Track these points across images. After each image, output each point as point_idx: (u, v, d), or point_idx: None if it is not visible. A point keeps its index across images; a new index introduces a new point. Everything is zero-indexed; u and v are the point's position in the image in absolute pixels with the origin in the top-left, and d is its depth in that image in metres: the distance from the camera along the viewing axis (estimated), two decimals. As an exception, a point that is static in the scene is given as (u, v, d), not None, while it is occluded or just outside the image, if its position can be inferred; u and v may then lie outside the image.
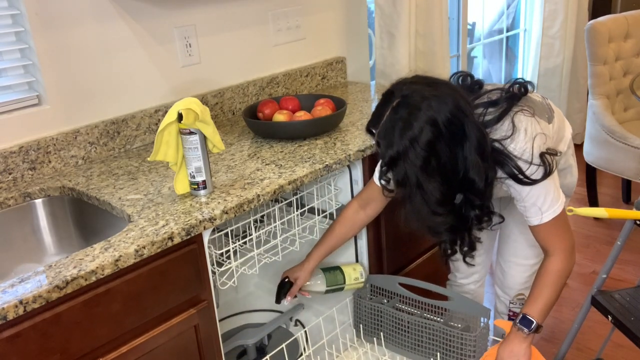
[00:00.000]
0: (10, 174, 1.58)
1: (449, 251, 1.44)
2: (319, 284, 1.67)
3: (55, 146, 1.66)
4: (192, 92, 1.97)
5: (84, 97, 1.72)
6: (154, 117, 1.86)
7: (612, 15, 2.95)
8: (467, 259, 1.46)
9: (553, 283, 1.40)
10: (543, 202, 1.35)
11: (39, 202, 1.56)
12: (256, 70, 2.16)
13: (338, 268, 1.71)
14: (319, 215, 1.74)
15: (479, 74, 3.74)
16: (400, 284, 1.68)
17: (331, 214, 1.76)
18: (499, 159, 1.30)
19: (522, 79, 1.41)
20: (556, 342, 2.23)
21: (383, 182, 1.46)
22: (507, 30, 3.75)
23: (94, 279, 1.15)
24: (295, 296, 1.64)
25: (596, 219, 3.06)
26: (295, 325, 1.91)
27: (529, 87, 1.40)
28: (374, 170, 1.76)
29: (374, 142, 1.36)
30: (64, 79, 1.66)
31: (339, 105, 1.89)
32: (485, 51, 3.75)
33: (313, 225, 1.72)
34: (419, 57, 2.57)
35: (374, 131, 1.30)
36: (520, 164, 1.31)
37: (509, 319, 1.78)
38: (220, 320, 1.54)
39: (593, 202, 3.17)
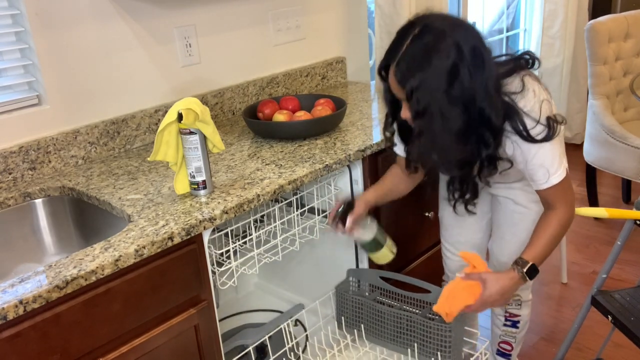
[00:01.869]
0: (10, 174, 1.58)
1: (456, 194, 1.47)
2: (368, 228, 1.61)
3: (55, 146, 1.66)
4: (192, 92, 1.97)
5: (84, 97, 1.72)
6: (154, 117, 1.86)
7: (612, 15, 2.95)
8: (469, 207, 1.50)
9: (555, 232, 1.42)
10: (550, 164, 1.36)
11: (39, 202, 1.56)
12: (256, 70, 2.16)
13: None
14: (319, 215, 1.74)
15: (479, 74, 3.74)
16: (382, 278, 1.70)
17: (331, 214, 1.76)
18: (508, 112, 1.32)
19: (532, 52, 1.43)
20: (556, 342, 2.23)
21: (388, 134, 1.48)
22: (507, 30, 3.75)
23: (94, 279, 1.15)
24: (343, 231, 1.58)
25: (596, 219, 3.06)
26: (296, 325, 1.91)
27: (536, 63, 1.41)
28: (374, 170, 1.76)
29: (384, 85, 1.37)
30: (64, 79, 1.66)
31: (339, 105, 1.89)
32: (485, 51, 3.75)
33: (313, 225, 1.72)
34: (419, 57, 2.56)
35: (390, 65, 1.30)
36: (527, 121, 1.32)
37: (506, 320, 1.79)
38: (220, 320, 1.54)
39: (593, 202, 3.17)
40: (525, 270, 1.39)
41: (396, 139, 1.56)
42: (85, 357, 1.19)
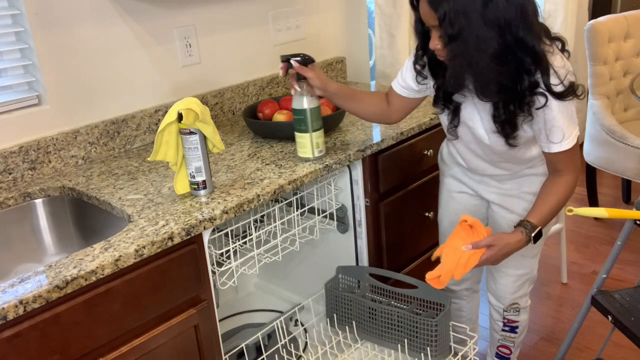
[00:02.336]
0: (10, 174, 1.58)
1: (502, 115, 1.40)
2: (309, 99, 1.56)
3: (55, 146, 1.66)
4: (192, 92, 1.97)
5: (84, 97, 1.72)
6: (154, 117, 1.86)
7: (612, 15, 2.95)
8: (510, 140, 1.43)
9: (560, 195, 1.43)
10: (567, 126, 1.36)
11: (39, 202, 1.56)
12: (256, 70, 2.16)
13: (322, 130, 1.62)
14: (319, 215, 1.74)
15: (479, 74, 3.74)
16: (370, 274, 1.71)
17: (331, 214, 1.76)
18: (537, 58, 1.30)
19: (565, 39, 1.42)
20: (556, 342, 2.23)
21: (418, 67, 1.47)
22: (507, 30, 3.75)
23: (94, 279, 1.15)
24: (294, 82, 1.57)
25: (596, 219, 3.06)
26: (296, 325, 1.91)
27: (568, 50, 1.41)
28: (374, 170, 1.76)
29: (415, 15, 1.41)
30: (64, 79, 1.66)
31: (339, 105, 1.89)
32: (485, 51, 3.75)
33: (313, 225, 1.72)
34: (419, 57, 2.57)
35: None
36: (552, 77, 1.32)
37: (504, 325, 1.79)
38: (220, 320, 1.54)
39: (593, 202, 3.17)
40: (533, 234, 1.41)
41: (399, 74, 1.57)
42: (85, 357, 1.19)
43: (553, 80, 1.32)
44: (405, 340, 1.60)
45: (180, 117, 1.35)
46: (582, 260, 2.73)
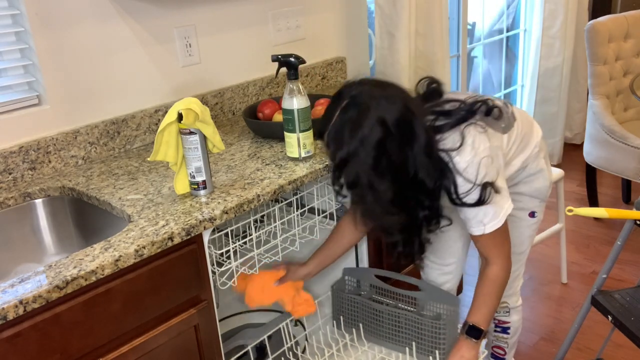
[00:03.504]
0: (10, 174, 1.58)
1: (400, 250, 1.45)
2: (299, 99, 1.55)
3: (55, 146, 1.66)
4: (192, 92, 1.97)
5: (84, 97, 1.72)
6: (154, 117, 1.86)
7: (612, 15, 2.95)
8: (417, 262, 1.51)
9: (495, 291, 1.43)
10: (483, 217, 1.36)
11: (39, 202, 1.56)
12: (256, 70, 2.16)
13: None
14: (319, 215, 1.74)
15: (479, 74, 3.74)
16: (376, 276, 1.70)
17: (331, 214, 1.76)
18: (442, 170, 1.30)
19: (491, 100, 1.39)
20: (556, 342, 2.23)
21: (336, 187, 1.39)
22: (507, 30, 3.75)
23: (94, 279, 1.15)
24: None
25: (596, 219, 3.06)
26: (296, 325, 1.91)
27: (495, 112, 1.38)
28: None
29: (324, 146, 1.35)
30: (64, 79, 1.66)
31: (339, 105, 1.89)
32: (485, 51, 3.75)
33: (313, 225, 1.72)
34: (419, 57, 2.57)
35: (324, 133, 1.29)
36: (460, 182, 1.31)
37: (496, 326, 1.79)
38: (220, 320, 1.54)
39: (593, 202, 3.17)
40: (465, 332, 1.43)
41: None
42: (85, 357, 1.19)
43: (462, 185, 1.30)
44: (414, 343, 1.59)
45: (180, 117, 1.35)
46: (582, 260, 2.73)
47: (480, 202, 1.31)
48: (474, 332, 1.43)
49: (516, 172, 1.55)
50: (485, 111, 1.36)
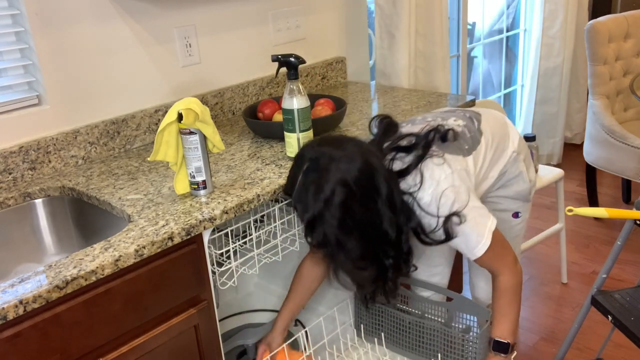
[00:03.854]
0: (10, 174, 1.58)
1: (370, 298, 1.49)
2: (299, 99, 1.55)
3: (55, 146, 1.66)
4: (192, 92, 1.97)
5: (84, 97, 1.72)
6: (154, 117, 1.86)
7: (612, 15, 2.95)
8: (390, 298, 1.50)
9: (511, 300, 1.42)
10: (467, 244, 1.36)
11: (39, 202, 1.56)
12: (256, 70, 2.16)
13: None
14: (319, 215, 1.73)
15: (479, 73, 3.74)
16: (402, 285, 1.68)
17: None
18: (406, 212, 1.31)
19: (442, 126, 1.40)
20: (556, 342, 2.23)
21: (309, 240, 1.40)
22: (507, 30, 3.75)
23: (94, 279, 1.15)
24: None
25: (596, 219, 3.06)
26: (295, 325, 1.91)
27: (450, 136, 1.39)
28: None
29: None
30: (64, 79, 1.66)
31: (339, 105, 1.89)
32: (485, 51, 3.75)
33: (313, 225, 1.72)
34: (419, 57, 2.57)
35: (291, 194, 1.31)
36: (426, 220, 1.32)
37: None
38: (220, 320, 1.54)
39: (593, 202, 3.17)
40: (492, 348, 1.42)
41: None
42: (85, 357, 1.19)
43: (427, 223, 1.32)
44: (439, 355, 1.56)
45: (180, 117, 1.35)
46: (582, 260, 2.73)
47: (448, 237, 1.32)
48: (501, 347, 1.41)
49: (495, 181, 1.54)
50: (440, 138, 1.37)
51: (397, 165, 1.34)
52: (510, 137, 1.56)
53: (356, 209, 1.24)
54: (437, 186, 1.31)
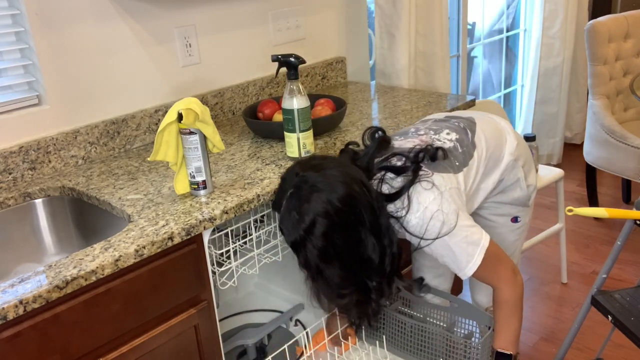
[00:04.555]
0: (10, 174, 1.58)
1: (358, 321, 1.48)
2: (299, 99, 1.54)
3: (55, 146, 1.66)
4: (192, 92, 1.97)
5: (84, 97, 1.72)
6: (154, 117, 1.86)
7: (612, 15, 2.95)
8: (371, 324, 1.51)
9: (512, 312, 1.40)
10: (457, 266, 1.35)
11: (39, 202, 1.56)
12: (256, 70, 2.16)
13: None
14: (319, 215, 1.73)
15: (479, 73, 3.74)
16: (404, 287, 1.67)
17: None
18: (391, 236, 1.31)
19: (431, 146, 1.38)
20: (556, 342, 2.23)
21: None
22: (507, 30, 3.75)
23: (94, 279, 1.15)
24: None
25: (596, 219, 3.06)
26: (296, 325, 1.91)
27: (439, 155, 1.37)
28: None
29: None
30: (64, 79, 1.66)
31: (339, 105, 1.89)
32: (485, 51, 3.75)
33: (313, 225, 1.72)
34: (419, 57, 2.57)
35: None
36: (413, 241, 1.33)
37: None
38: (220, 320, 1.54)
39: (593, 202, 3.17)
40: (494, 359, 1.41)
41: None
42: (85, 357, 1.19)
43: (415, 242, 1.32)
44: (440, 359, 1.54)
45: (180, 117, 1.35)
46: (582, 260, 2.73)
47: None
48: (503, 359, 1.40)
49: (492, 190, 1.52)
50: (430, 157, 1.36)
51: (386, 188, 1.33)
52: (507, 143, 1.52)
53: (338, 239, 1.23)
54: (424, 210, 1.29)
